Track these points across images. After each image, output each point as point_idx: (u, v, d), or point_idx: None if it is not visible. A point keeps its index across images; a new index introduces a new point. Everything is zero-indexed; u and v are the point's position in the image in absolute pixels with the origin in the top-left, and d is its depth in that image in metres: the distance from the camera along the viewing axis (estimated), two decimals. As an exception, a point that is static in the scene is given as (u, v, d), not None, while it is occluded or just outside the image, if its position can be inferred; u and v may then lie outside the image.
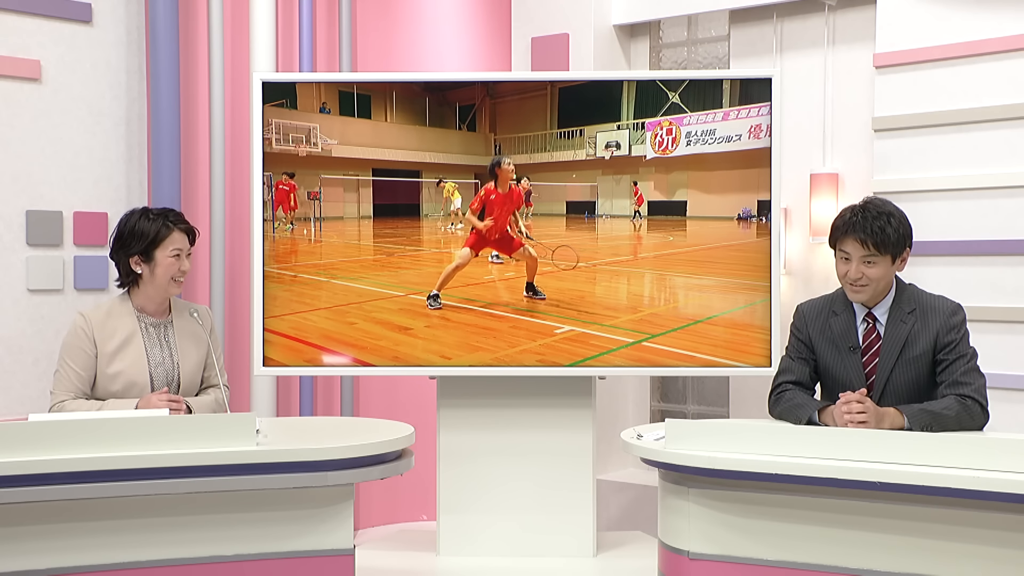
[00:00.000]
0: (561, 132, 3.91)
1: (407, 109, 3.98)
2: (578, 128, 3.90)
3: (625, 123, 3.87)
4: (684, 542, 2.99)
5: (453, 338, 3.88)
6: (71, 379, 3.25)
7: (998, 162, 3.89)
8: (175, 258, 3.31)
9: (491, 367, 3.85)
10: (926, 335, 3.11)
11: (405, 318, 3.92)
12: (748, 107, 3.81)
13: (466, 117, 3.95)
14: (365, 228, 4.00)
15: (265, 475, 2.86)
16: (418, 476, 4.42)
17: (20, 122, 4.03)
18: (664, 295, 3.90)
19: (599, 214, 3.94)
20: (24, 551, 2.72)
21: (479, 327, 3.89)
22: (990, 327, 3.84)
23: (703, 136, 3.82)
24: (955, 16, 3.97)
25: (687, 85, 3.85)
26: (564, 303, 3.91)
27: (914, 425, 2.93)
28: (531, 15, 4.97)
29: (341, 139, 3.94)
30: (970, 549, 2.66)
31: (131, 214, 3.35)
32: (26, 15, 4.03)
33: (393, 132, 3.97)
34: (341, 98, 3.95)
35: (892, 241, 3.06)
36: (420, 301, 3.94)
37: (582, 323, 3.89)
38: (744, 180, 3.84)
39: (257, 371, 3.88)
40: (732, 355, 3.81)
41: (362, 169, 3.98)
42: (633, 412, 4.99)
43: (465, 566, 3.87)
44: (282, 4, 4.54)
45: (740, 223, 3.84)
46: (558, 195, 3.97)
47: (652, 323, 3.87)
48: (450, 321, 3.92)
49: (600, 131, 3.90)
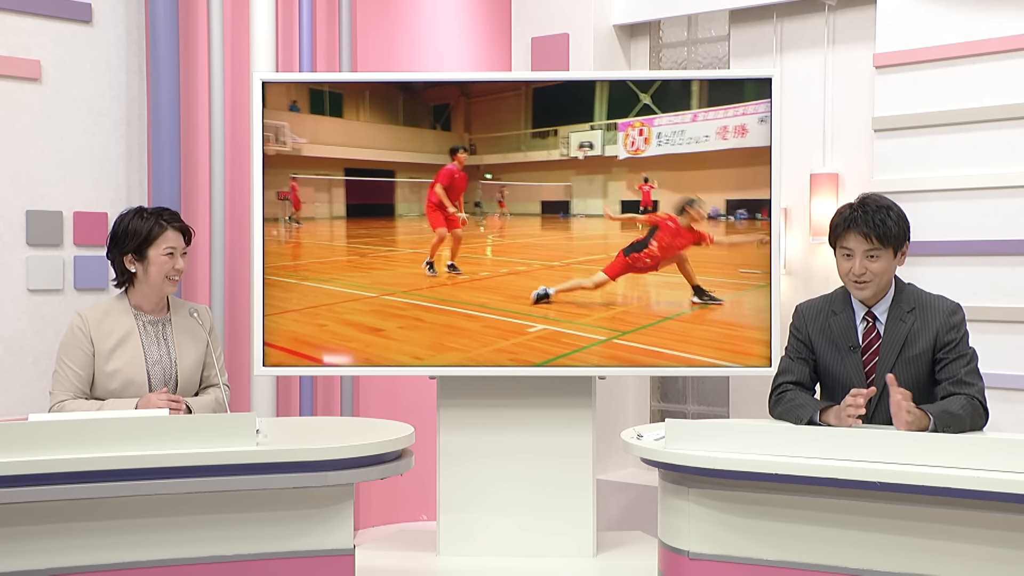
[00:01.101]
0: (535, 132, 3.91)
1: (381, 108, 3.94)
2: (552, 128, 3.90)
3: (598, 124, 3.88)
4: (684, 542, 2.99)
5: (426, 339, 3.86)
6: (70, 379, 3.26)
7: (998, 162, 3.89)
8: (168, 256, 3.32)
9: (491, 367, 3.84)
10: (926, 334, 3.11)
11: (377, 319, 3.90)
12: (716, 109, 3.82)
13: (441, 117, 3.93)
14: (338, 228, 3.96)
15: (265, 475, 2.86)
16: (418, 476, 4.42)
17: (20, 122, 4.03)
18: (637, 293, 3.89)
19: (574, 214, 3.94)
20: (24, 551, 2.72)
21: (452, 327, 3.88)
22: (990, 327, 3.84)
23: (673, 137, 3.84)
24: (955, 16, 3.97)
25: (658, 87, 3.85)
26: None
27: (939, 425, 2.90)
28: (531, 15, 4.97)
29: (311, 138, 3.90)
30: (970, 549, 2.66)
31: (125, 213, 3.37)
32: (26, 15, 4.03)
33: (366, 131, 3.94)
34: (312, 96, 3.90)
35: (894, 234, 3.07)
36: (393, 302, 3.91)
37: (554, 321, 3.89)
38: (712, 180, 3.85)
39: (257, 371, 3.88)
40: (732, 355, 3.81)
41: (334, 169, 3.94)
42: (633, 412, 4.99)
43: (465, 566, 3.87)
44: (282, 4, 4.54)
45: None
46: (533, 195, 3.97)
47: (624, 320, 3.87)
48: (423, 322, 3.89)
49: (574, 131, 3.90)
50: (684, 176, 3.85)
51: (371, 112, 3.95)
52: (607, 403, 4.75)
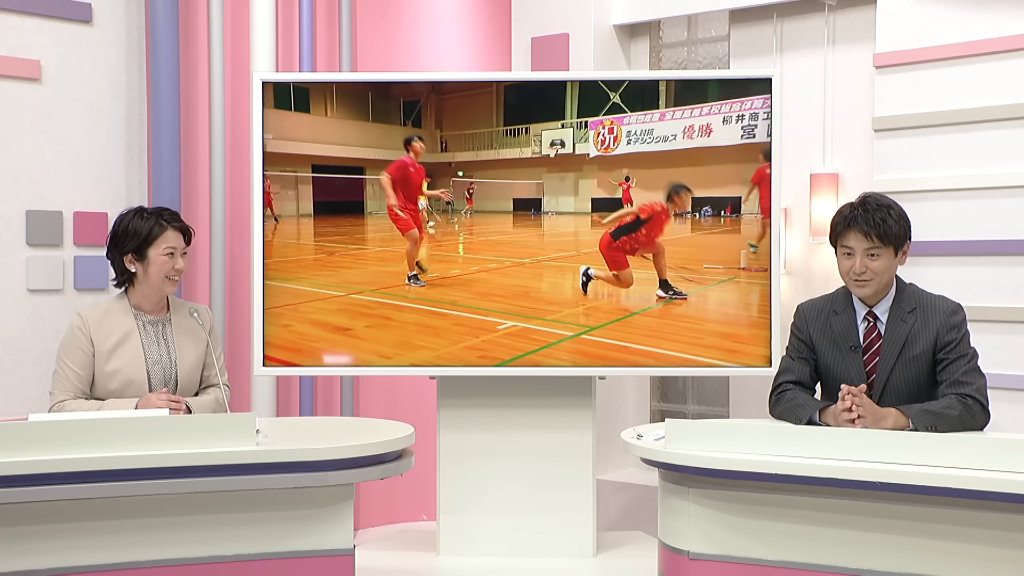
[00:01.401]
0: (507, 130, 3.90)
1: (349, 104, 3.91)
2: (524, 126, 3.90)
3: (569, 122, 3.88)
4: (684, 542, 2.99)
5: (394, 337, 3.85)
6: (69, 379, 3.26)
7: (998, 162, 3.90)
8: (168, 256, 3.32)
9: (491, 367, 3.84)
10: (926, 334, 3.11)
11: (345, 318, 3.88)
12: (682, 108, 3.83)
13: (411, 113, 3.91)
14: (305, 226, 3.93)
15: (265, 475, 2.86)
16: (418, 476, 4.42)
17: (20, 122, 4.03)
18: (607, 289, 3.89)
19: (545, 211, 3.94)
20: (24, 551, 2.72)
21: (422, 325, 3.87)
22: (990, 327, 3.84)
23: (642, 135, 3.85)
24: (955, 16, 3.97)
25: (627, 86, 3.86)
26: (508, 299, 3.90)
27: (918, 426, 2.93)
28: (531, 15, 4.97)
29: (276, 134, 3.86)
30: (970, 549, 2.67)
31: (126, 213, 3.37)
32: (26, 15, 4.03)
33: (334, 127, 3.90)
34: (276, 91, 3.85)
35: (894, 232, 3.08)
36: (361, 301, 3.89)
37: (525, 318, 3.88)
38: (680, 178, 3.85)
39: (257, 371, 3.88)
40: (732, 355, 3.81)
41: (300, 165, 3.90)
42: (633, 412, 4.99)
43: (465, 566, 3.87)
44: (282, 4, 4.54)
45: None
46: (504, 192, 3.96)
47: (592, 316, 3.87)
48: (392, 320, 3.88)
49: (545, 129, 3.90)
50: (654, 174, 3.86)
51: (339, 108, 3.91)
52: (607, 403, 4.75)
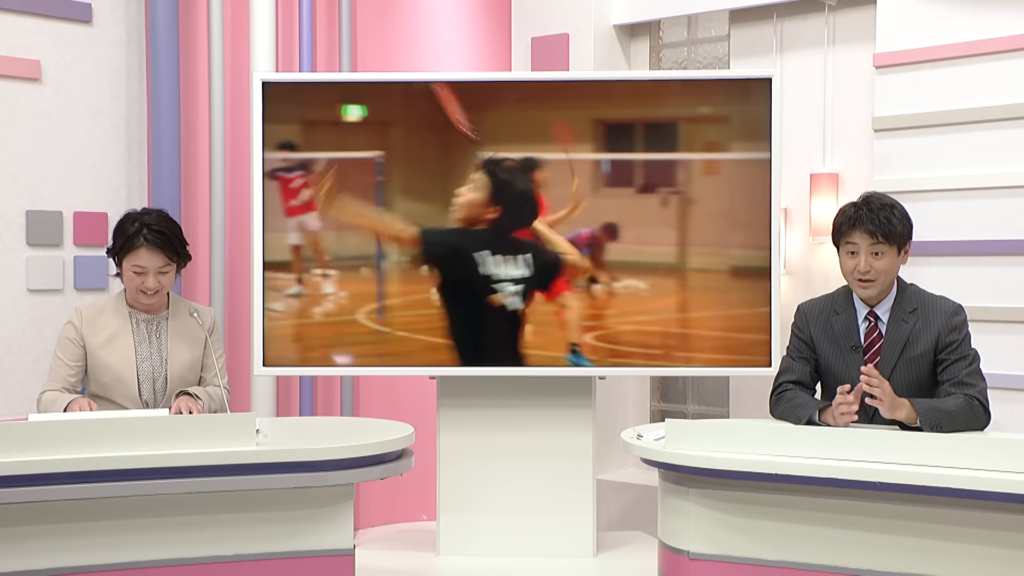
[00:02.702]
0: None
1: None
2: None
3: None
4: (684, 542, 2.99)
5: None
6: (59, 371, 3.29)
7: (998, 162, 3.89)
8: (135, 274, 3.25)
9: (491, 367, 3.84)
10: (927, 335, 3.11)
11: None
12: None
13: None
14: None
15: (265, 475, 2.87)
16: (418, 476, 4.41)
17: (20, 122, 4.03)
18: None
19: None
20: (24, 551, 2.72)
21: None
22: (990, 327, 3.84)
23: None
24: (955, 16, 3.97)
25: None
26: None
27: (925, 423, 2.91)
28: (531, 15, 4.97)
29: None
30: (970, 549, 2.67)
31: (130, 212, 3.36)
32: (26, 15, 4.03)
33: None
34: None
35: (898, 231, 3.09)
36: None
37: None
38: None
39: (257, 371, 3.87)
40: (732, 355, 3.81)
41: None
42: (633, 412, 4.99)
43: (465, 566, 3.87)
44: (282, 4, 4.54)
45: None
46: None
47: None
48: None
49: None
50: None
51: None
52: (607, 403, 4.75)
